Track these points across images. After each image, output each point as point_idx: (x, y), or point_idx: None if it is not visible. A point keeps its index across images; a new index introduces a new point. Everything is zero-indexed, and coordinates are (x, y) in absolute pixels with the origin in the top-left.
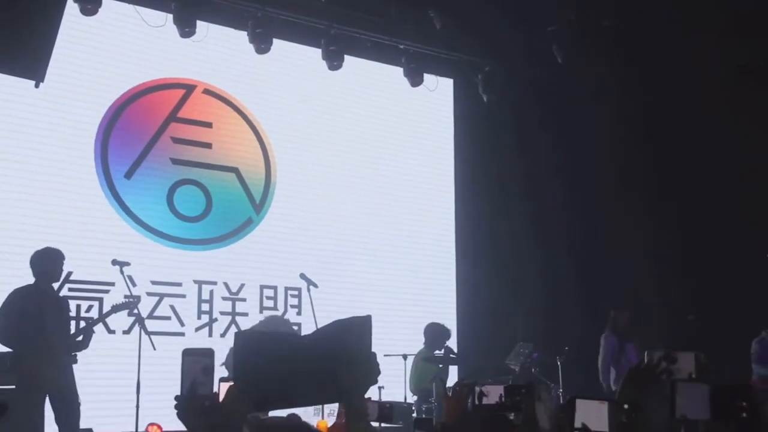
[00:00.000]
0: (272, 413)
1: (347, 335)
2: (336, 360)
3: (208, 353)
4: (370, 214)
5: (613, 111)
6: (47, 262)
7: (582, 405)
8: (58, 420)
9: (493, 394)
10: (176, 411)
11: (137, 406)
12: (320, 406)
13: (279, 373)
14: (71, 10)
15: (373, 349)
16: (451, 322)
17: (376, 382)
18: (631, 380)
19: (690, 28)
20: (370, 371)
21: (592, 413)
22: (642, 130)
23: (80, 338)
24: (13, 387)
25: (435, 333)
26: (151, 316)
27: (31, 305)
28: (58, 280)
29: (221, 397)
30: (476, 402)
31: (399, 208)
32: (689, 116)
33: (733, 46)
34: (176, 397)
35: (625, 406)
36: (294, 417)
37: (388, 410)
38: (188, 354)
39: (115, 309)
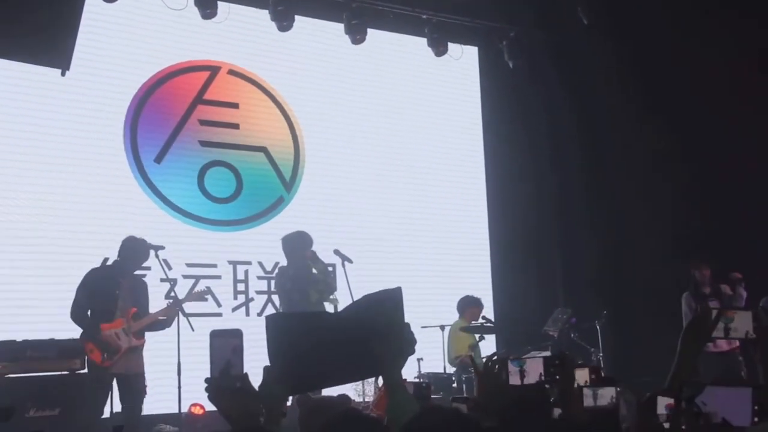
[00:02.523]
0: (324, 392)
1: (379, 308)
2: (370, 334)
3: (237, 334)
4: (400, 186)
5: (639, 74)
6: (129, 251)
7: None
8: (123, 400)
9: (533, 371)
10: (207, 393)
11: (179, 387)
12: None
13: (313, 354)
14: None
15: (407, 321)
16: (487, 290)
17: (413, 352)
18: (687, 338)
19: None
20: (406, 342)
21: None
22: (669, 95)
23: (164, 318)
24: (85, 371)
25: (467, 305)
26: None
27: (107, 284)
28: (130, 270)
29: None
30: (512, 378)
31: (430, 179)
32: (718, 87)
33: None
34: (206, 380)
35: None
36: (344, 397)
37: (425, 389)
38: (216, 335)
39: (189, 298)
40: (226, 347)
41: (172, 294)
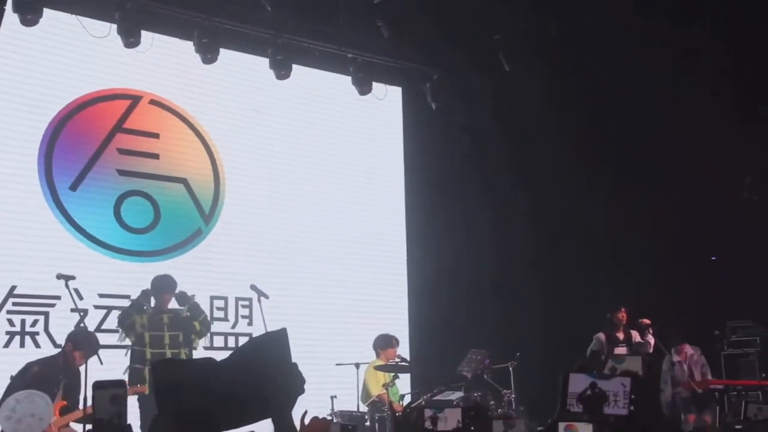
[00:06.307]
0: None
1: (265, 351)
2: (258, 377)
3: (120, 384)
4: (320, 223)
5: (560, 116)
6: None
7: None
8: None
9: (452, 419)
10: None
11: (84, 425)
12: None
13: (202, 400)
14: (10, 20)
15: (319, 359)
16: (403, 329)
17: (303, 391)
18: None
19: (633, 35)
20: (294, 382)
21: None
22: (590, 134)
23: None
24: None
25: (384, 346)
26: (99, 330)
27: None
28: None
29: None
30: (431, 427)
31: (349, 217)
32: (637, 117)
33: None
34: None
35: None
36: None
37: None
38: (99, 386)
39: None
40: (108, 397)
41: (82, 325)
